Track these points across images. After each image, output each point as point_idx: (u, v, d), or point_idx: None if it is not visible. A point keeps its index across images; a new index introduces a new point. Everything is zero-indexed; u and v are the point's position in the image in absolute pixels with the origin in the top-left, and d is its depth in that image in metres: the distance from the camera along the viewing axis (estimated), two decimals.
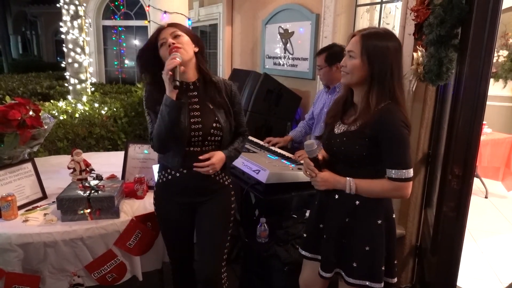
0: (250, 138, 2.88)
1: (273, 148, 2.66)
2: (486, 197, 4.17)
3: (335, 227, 1.56)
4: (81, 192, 1.88)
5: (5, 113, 1.81)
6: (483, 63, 1.57)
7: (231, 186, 1.82)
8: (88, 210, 1.84)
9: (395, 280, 1.59)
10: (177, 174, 1.70)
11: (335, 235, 1.56)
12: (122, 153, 2.30)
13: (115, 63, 7.67)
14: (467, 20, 1.68)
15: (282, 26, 3.86)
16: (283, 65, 3.93)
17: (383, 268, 1.52)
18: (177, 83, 1.50)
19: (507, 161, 4.14)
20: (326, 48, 2.55)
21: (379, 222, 1.51)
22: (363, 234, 1.51)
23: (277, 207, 2.60)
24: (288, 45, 3.82)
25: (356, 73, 1.46)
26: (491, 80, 5.05)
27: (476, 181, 4.06)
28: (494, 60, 5.06)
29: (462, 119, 1.66)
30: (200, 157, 1.65)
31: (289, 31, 3.77)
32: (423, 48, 1.98)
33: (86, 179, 2.10)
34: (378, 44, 1.41)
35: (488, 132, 4.18)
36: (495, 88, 5.22)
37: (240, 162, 2.24)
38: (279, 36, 3.94)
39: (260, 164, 2.13)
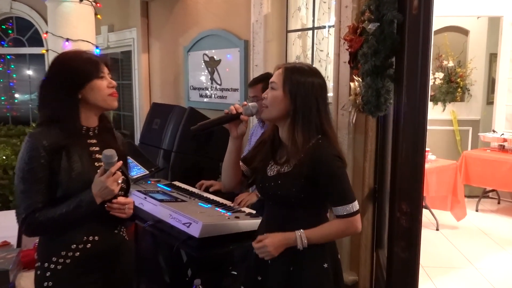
0: (178, 184, 2.86)
1: (205, 194, 2.66)
2: (437, 229, 4.49)
3: (278, 278, 1.60)
4: None
5: None
6: (419, 92, 1.76)
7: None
8: None
9: None
10: (88, 245, 1.57)
11: (279, 287, 1.60)
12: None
13: (3, 98, 7.24)
14: (400, 50, 1.88)
15: (207, 54, 3.98)
16: (211, 96, 4.01)
17: None
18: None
19: (454, 189, 4.51)
20: (261, 78, 2.62)
21: (326, 266, 1.59)
22: (310, 281, 1.58)
23: (214, 263, 2.57)
24: (215, 74, 3.93)
25: (276, 106, 1.55)
26: (430, 104, 5.58)
27: (426, 212, 4.37)
28: (431, 83, 5.66)
29: (405, 152, 1.83)
30: (114, 201, 1.56)
31: (215, 59, 3.90)
32: (360, 77, 2.17)
33: None
34: (301, 79, 1.54)
35: (432, 159, 4.56)
36: (434, 111, 5.77)
37: (167, 215, 2.20)
38: (204, 64, 4.05)
39: (191, 215, 2.11)
